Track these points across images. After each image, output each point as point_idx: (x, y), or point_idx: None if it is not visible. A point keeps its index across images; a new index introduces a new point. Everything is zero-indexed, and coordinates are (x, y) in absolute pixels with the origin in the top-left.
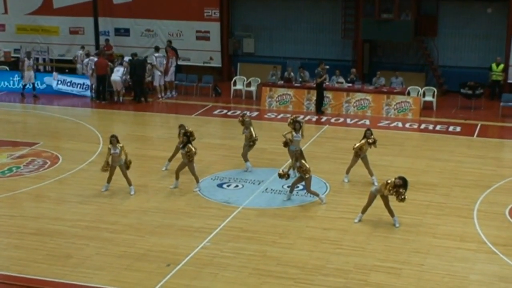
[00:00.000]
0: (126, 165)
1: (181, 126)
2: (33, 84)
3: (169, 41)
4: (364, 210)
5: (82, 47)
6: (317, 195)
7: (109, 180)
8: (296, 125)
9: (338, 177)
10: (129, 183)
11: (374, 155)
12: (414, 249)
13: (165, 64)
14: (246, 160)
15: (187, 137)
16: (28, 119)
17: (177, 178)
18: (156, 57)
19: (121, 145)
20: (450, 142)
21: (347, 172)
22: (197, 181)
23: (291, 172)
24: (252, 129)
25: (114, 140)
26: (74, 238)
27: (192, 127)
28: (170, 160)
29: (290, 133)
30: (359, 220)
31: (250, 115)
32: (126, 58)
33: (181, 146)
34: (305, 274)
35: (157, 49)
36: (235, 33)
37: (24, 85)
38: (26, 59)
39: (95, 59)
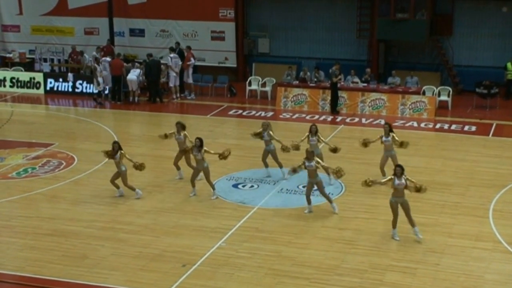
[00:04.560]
0: (139, 167)
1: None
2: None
3: (178, 43)
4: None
5: (98, 48)
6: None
7: (116, 186)
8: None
9: (353, 177)
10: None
11: None
12: (429, 248)
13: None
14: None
15: (200, 141)
16: (43, 120)
17: (193, 186)
18: (171, 58)
19: (122, 151)
20: (466, 142)
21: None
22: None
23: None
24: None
25: (116, 146)
26: (90, 239)
27: (208, 128)
28: (178, 167)
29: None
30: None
31: (265, 115)
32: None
33: (195, 151)
34: (320, 274)
35: (172, 49)
36: (250, 33)
37: (102, 91)
38: (96, 65)
39: (108, 59)
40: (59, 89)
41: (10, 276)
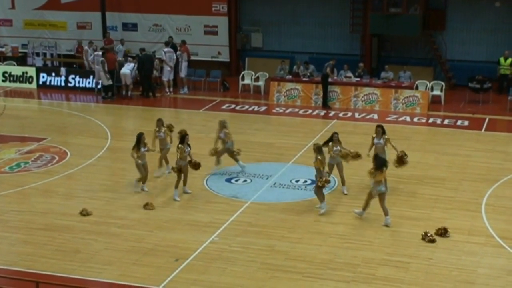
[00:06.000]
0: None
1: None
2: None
3: (171, 37)
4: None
5: (91, 43)
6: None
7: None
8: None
9: (346, 172)
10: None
11: None
12: (422, 243)
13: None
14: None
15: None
16: (36, 115)
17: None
18: (165, 52)
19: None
20: (458, 136)
21: None
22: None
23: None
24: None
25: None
26: (83, 233)
27: (200, 122)
28: (167, 163)
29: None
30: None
31: (258, 109)
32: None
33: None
34: (313, 268)
35: (166, 43)
36: (243, 27)
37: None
38: (104, 59)
39: (101, 53)
40: (52, 83)
41: (3, 270)
